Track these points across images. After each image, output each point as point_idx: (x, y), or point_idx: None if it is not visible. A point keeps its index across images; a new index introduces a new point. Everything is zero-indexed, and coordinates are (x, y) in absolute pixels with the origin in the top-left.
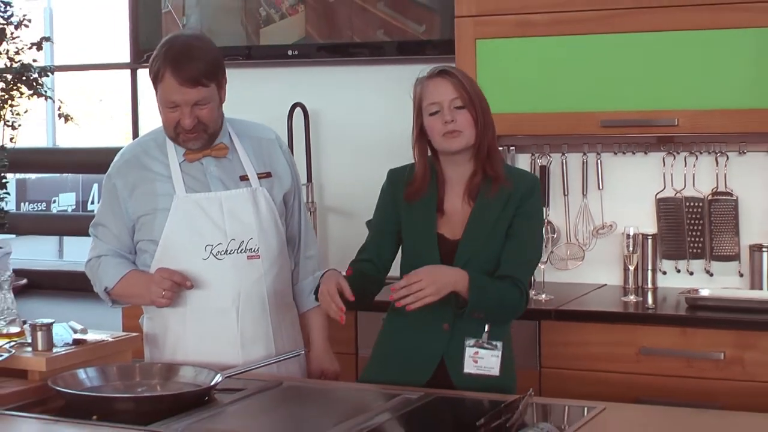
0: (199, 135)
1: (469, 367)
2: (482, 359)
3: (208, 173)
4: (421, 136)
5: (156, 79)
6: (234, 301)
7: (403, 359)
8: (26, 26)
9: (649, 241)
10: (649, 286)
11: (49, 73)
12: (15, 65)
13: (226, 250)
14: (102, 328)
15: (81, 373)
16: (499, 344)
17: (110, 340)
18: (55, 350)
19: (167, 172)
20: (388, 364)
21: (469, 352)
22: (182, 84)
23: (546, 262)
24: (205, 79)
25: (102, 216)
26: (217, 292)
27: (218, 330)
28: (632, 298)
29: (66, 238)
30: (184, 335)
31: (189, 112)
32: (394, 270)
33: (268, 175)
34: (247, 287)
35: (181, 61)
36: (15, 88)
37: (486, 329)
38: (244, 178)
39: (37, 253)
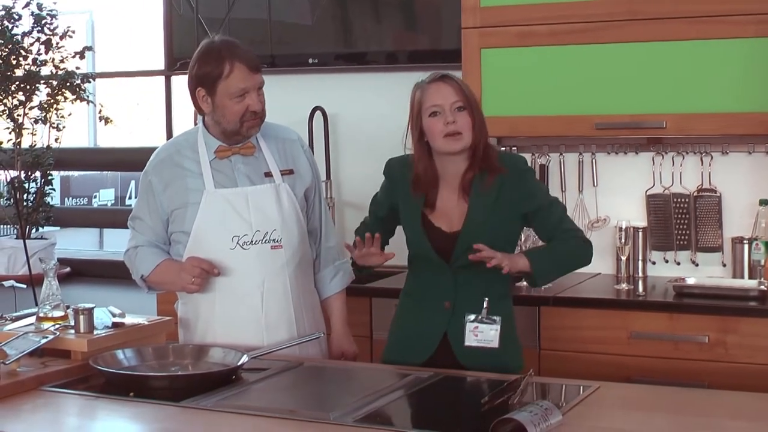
0: (258, 121)
1: (470, 341)
2: (482, 333)
3: (236, 170)
4: (421, 138)
5: (219, 77)
6: (259, 288)
7: (409, 338)
8: (70, 37)
9: (640, 233)
10: (640, 275)
11: (90, 80)
12: (60, 72)
13: (252, 241)
14: (138, 312)
15: (119, 354)
16: (498, 319)
17: (146, 323)
18: (95, 332)
19: (198, 169)
20: (397, 343)
21: (470, 326)
22: (251, 70)
23: None
24: (260, 66)
25: (139, 210)
26: (244, 279)
27: (244, 314)
28: (624, 286)
29: (106, 230)
30: (213, 319)
31: (257, 96)
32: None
33: (291, 172)
34: (270, 275)
35: (244, 52)
36: (60, 93)
37: (485, 305)
38: (268, 174)
39: (79, 243)
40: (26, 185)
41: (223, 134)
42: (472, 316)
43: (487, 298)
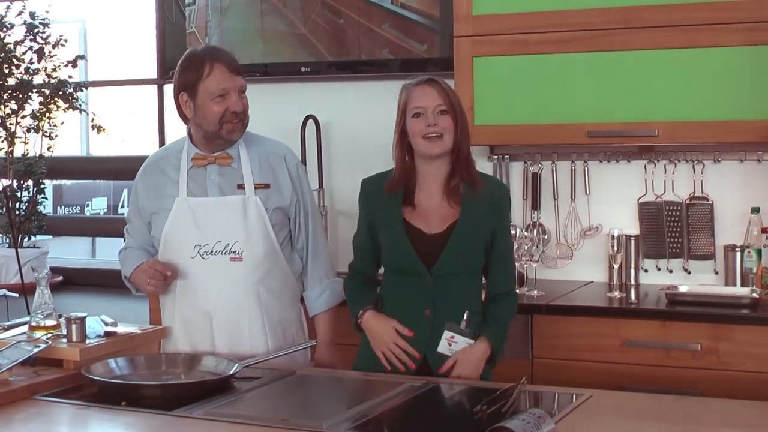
0: (239, 124)
1: (442, 348)
2: (456, 344)
3: (209, 180)
4: (402, 137)
5: (199, 79)
6: (212, 298)
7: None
8: (63, 45)
9: (632, 241)
10: (632, 283)
11: (83, 88)
12: (52, 81)
13: (212, 251)
14: (131, 321)
15: (112, 363)
16: (477, 333)
17: (138, 332)
18: (88, 341)
19: (177, 176)
20: (376, 359)
21: (446, 335)
22: (231, 71)
23: (538, 261)
24: (242, 70)
25: (129, 213)
26: (200, 288)
27: (199, 321)
28: (616, 294)
29: (98, 239)
30: (175, 323)
31: (238, 97)
32: None
33: (267, 186)
34: (226, 286)
35: (224, 54)
36: (52, 102)
37: (465, 317)
38: (241, 186)
39: (72, 252)
40: (18, 194)
41: (205, 138)
42: (452, 326)
43: (467, 311)
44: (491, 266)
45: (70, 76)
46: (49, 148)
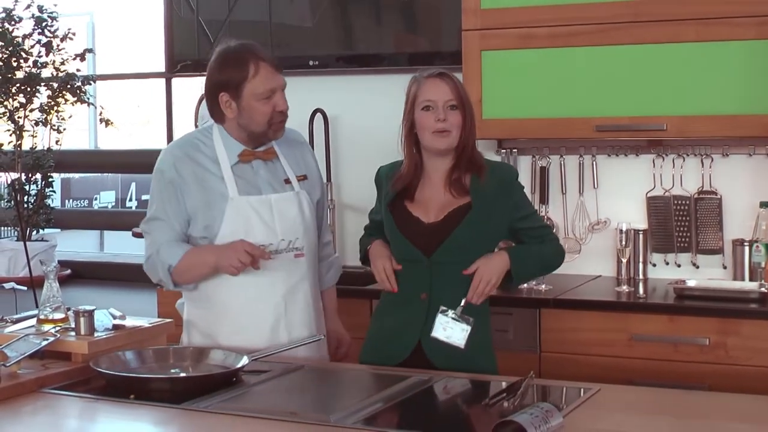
0: (283, 123)
1: (437, 332)
2: (451, 329)
3: (258, 176)
4: (410, 129)
5: (244, 79)
6: (283, 297)
7: (387, 336)
8: (71, 39)
9: (641, 235)
10: (640, 277)
11: (91, 82)
12: (61, 75)
13: (277, 250)
14: (139, 314)
15: (120, 356)
16: (471, 320)
17: (147, 325)
18: (96, 335)
19: (218, 171)
20: (375, 343)
21: (441, 319)
22: (277, 70)
23: None
24: (281, 66)
25: (157, 211)
26: (267, 288)
27: (264, 322)
28: (625, 288)
29: (106, 232)
30: (224, 323)
31: (283, 95)
32: None
33: (305, 177)
34: (293, 284)
35: (265, 52)
36: (61, 95)
37: (462, 303)
38: (287, 181)
39: (80, 246)
40: (27, 187)
41: (249, 138)
42: (447, 311)
43: (464, 299)
44: (526, 238)
45: (78, 70)
46: (57, 142)
